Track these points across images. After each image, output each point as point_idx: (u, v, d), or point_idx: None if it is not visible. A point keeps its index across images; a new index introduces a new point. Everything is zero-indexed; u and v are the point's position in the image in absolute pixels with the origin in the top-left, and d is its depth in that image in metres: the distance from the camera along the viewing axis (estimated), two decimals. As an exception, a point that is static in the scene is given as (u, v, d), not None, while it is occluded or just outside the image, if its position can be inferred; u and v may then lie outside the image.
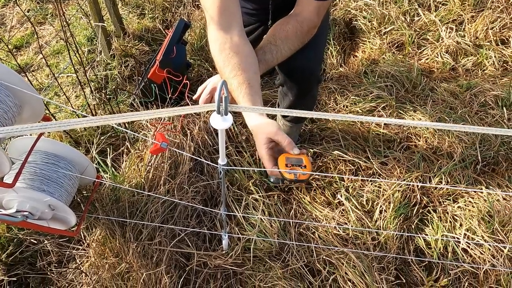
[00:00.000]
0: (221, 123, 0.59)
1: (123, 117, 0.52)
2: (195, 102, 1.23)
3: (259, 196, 1.47)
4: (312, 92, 1.35)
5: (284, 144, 0.87)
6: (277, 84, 1.39)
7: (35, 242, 1.39)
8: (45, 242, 1.38)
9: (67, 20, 2.27)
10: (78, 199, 1.46)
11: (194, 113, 1.72)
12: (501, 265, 1.28)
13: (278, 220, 1.41)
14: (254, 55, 1.03)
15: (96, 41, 2.17)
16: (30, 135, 1.17)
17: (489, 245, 1.32)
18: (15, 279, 1.33)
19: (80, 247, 1.38)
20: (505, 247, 1.30)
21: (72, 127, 0.49)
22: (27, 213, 1.05)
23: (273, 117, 1.78)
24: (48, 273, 1.34)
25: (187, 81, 1.44)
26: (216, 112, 0.56)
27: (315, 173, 1.54)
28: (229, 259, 1.32)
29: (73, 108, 1.75)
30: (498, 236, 1.34)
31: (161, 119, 1.64)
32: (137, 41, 2.17)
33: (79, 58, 1.58)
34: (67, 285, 1.33)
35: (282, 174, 0.81)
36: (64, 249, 1.38)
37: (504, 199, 1.45)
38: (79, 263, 1.36)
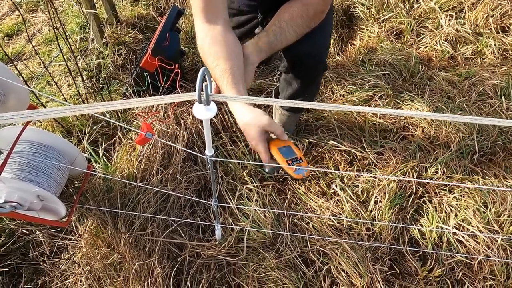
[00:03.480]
0: (204, 112, 0.56)
1: (99, 107, 0.50)
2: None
3: (254, 186, 1.46)
4: (317, 80, 1.32)
5: (277, 133, 0.89)
6: (281, 71, 1.35)
7: (27, 232, 1.38)
8: (37, 233, 1.37)
9: (59, 7, 2.22)
10: (71, 190, 1.45)
11: (183, 102, 1.69)
12: (495, 256, 1.27)
13: (272, 210, 1.40)
14: (238, 43, 1.01)
15: (88, 29, 2.13)
16: (21, 124, 1.15)
17: (484, 235, 1.31)
18: (7, 269, 1.32)
19: (72, 237, 1.37)
20: (499, 238, 1.30)
21: (36, 118, 0.47)
22: (15, 203, 1.04)
23: (267, 105, 1.75)
24: (41, 264, 1.34)
25: (178, 70, 1.41)
26: (197, 102, 0.53)
27: (313, 168, 1.53)
28: (222, 249, 1.32)
29: (64, 97, 1.72)
30: (493, 227, 1.33)
31: (154, 108, 1.62)
32: (130, 29, 2.13)
33: (69, 47, 1.55)
34: (59, 275, 1.32)
35: (285, 170, 0.83)
36: (56, 240, 1.37)
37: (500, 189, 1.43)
38: (72, 253, 1.35)
